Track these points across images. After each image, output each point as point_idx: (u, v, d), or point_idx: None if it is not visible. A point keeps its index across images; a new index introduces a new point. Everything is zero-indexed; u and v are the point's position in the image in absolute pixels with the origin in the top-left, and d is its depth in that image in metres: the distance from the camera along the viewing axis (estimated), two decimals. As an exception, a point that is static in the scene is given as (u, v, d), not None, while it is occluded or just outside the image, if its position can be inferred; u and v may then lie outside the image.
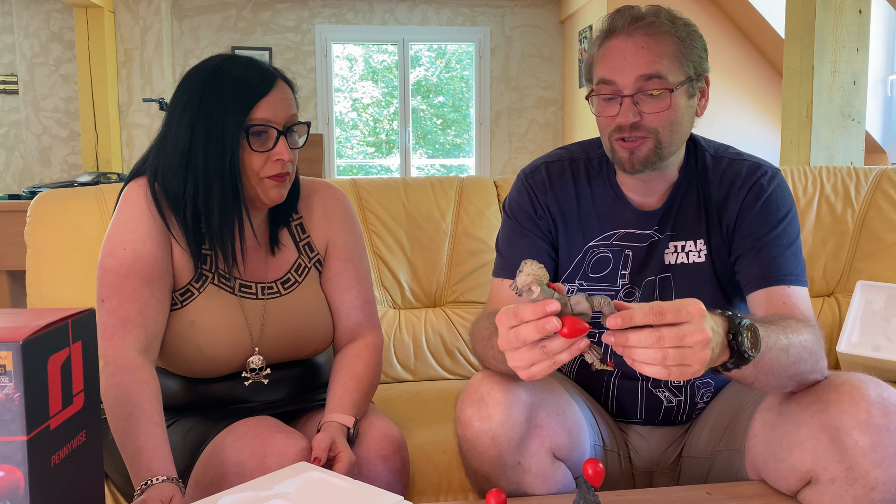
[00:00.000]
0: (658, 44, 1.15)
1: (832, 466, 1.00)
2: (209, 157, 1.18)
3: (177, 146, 1.20)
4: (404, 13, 6.27)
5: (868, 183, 1.93)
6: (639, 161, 1.18)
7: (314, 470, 0.98)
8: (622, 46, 1.16)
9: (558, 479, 1.12)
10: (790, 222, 1.22)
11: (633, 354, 0.85)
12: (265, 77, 1.20)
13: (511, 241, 1.30)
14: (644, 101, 1.15)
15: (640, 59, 1.14)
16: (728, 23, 5.50)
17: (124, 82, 5.58)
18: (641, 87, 1.15)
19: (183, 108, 1.20)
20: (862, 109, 3.07)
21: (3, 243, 2.83)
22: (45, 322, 0.77)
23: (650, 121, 1.16)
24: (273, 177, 1.21)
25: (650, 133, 1.16)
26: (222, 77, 1.19)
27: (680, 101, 1.17)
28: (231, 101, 1.17)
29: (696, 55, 1.17)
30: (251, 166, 1.20)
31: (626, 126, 1.16)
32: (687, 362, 0.84)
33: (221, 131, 1.17)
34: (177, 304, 1.23)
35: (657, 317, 0.84)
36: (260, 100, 1.18)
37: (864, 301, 1.75)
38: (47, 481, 0.76)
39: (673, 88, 1.15)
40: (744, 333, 0.91)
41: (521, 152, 6.46)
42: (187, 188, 1.19)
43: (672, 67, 1.15)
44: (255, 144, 1.19)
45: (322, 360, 1.39)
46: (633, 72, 1.14)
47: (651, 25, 1.15)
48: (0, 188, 5.96)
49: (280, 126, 1.20)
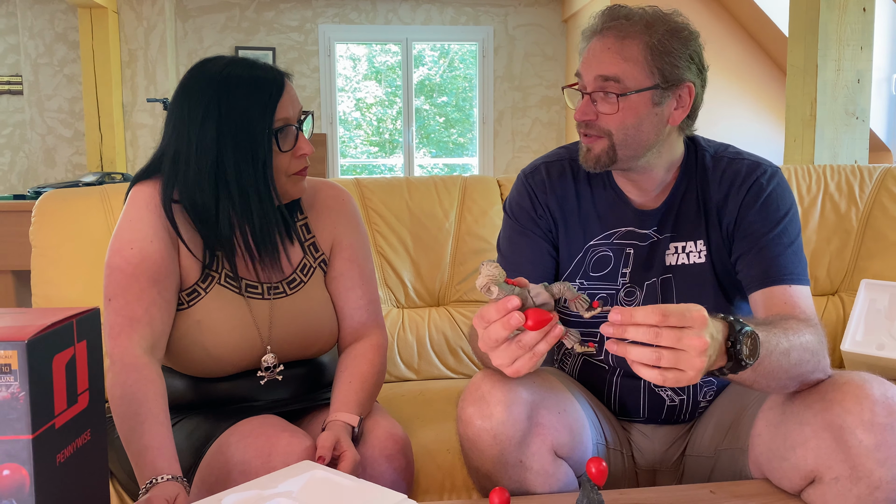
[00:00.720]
0: (623, 47, 1.16)
1: (836, 465, 0.99)
2: (241, 168, 1.18)
3: (203, 161, 1.18)
4: (407, 13, 6.27)
5: (872, 181, 1.92)
6: (591, 158, 1.21)
7: (318, 469, 0.98)
8: (594, 45, 1.19)
9: (560, 478, 1.12)
10: (790, 221, 1.21)
11: (628, 353, 0.86)
12: (276, 77, 1.22)
13: (512, 240, 1.31)
14: (600, 102, 1.18)
15: (603, 59, 1.17)
16: (731, 21, 5.48)
17: (128, 82, 5.59)
18: (600, 86, 1.17)
19: (202, 122, 1.18)
20: (866, 108, 3.06)
21: (7, 243, 2.84)
22: (50, 321, 0.77)
23: (603, 121, 1.18)
24: (298, 172, 1.25)
25: (603, 133, 1.19)
26: (235, 84, 1.19)
27: (638, 107, 1.16)
28: (253, 108, 1.19)
29: (670, 63, 1.16)
30: (280, 167, 1.22)
31: (581, 122, 1.20)
32: (682, 366, 0.85)
33: (251, 139, 1.18)
34: (183, 304, 1.23)
35: (660, 318, 0.84)
36: (278, 100, 1.20)
37: (869, 300, 1.75)
38: (52, 480, 0.77)
39: (625, 93, 1.15)
40: (743, 341, 0.91)
41: (525, 151, 6.45)
42: (220, 202, 1.19)
43: (633, 73, 1.15)
44: (283, 145, 1.21)
45: (327, 359, 1.40)
46: (594, 70, 1.17)
47: (621, 28, 1.16)
48: (5, 188, 5.98)
49: (296, 122, 1.23)
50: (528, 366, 0.91)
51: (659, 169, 1.25)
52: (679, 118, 1.20)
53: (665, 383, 0.85)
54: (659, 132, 1.20)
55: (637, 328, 0.84)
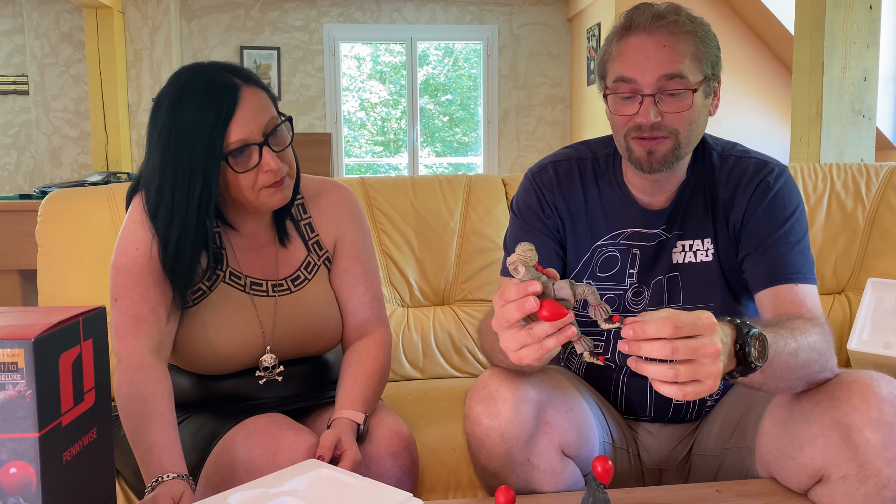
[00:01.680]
0: (679, 43, 1.14)
1: (843, 464, 0.99)
2: (175, 194, 1.14)
3: (151, 180, 1.18)
4: (412, 12, 6.27)
5: (879, 180, 1.92)
6: (657, 160, 1.16)
7: (324, 467, 0.98)
8: (643, 44, 1.14)
9: (567, 477, 1.12)
10: (797, 220, 1.21)
11: (646, 370, 0.85)
12: (227, 94, 1.13)
13: (519, 239, 1.30)
14: (664, 101, 1.14)
15: (662, 57, 1.13)
16: (737, 19, 5.47)
17: (134, 82, 5.60)
18: (663, 86, 1.13)
19: (156, 140, 1.16)
20: (872, 106, 3.04)
21: (14, 242, 2.85)
22: (57, 320, 0.77)
23: (671, 120, 1.15)
24: (271, 185, 1.18)
25: (670, 133, 1.15)
26: (186, 101, 1.13)
27: (698, 101, 1.16)
28: (198, 136, 1.12)
29: (713, 55, 1.17)
30: (243, 185, 1.17)
31: (647, 126, 1.14)
32: (699, 377, 0.84)
33: (189, 167, 1.13)
34: (188, 303, 1.23)
35: (673, 331, 0.83)
36: (228, 123, 1.12)
37: (875, 298, 1.74)
38: (59, 478, 0.77)
39: (695, 89, 1.14)
40: (751, 343, 0.90)
41: (530, 150, 6.45)
42: (158, 221, 1.17)
43: (692, 67, 1.14)
44: (239, 166, 1.15)
45: (331, 357, 1.40)
46: (656, 70, 1.13)
47: (673, 24, 1.14)
48: (11, 188, 6.01)
49: (259, 138, 1.15)
50: (532, 356, 0.89)
51: (684, 167, 1.25)
52: (716, 109, 1.21)
53: (686, 398, 0.85)
54: (705, 126, 1.21)
55: (651, 344, 0.83)
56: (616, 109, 1.18)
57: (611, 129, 1.23)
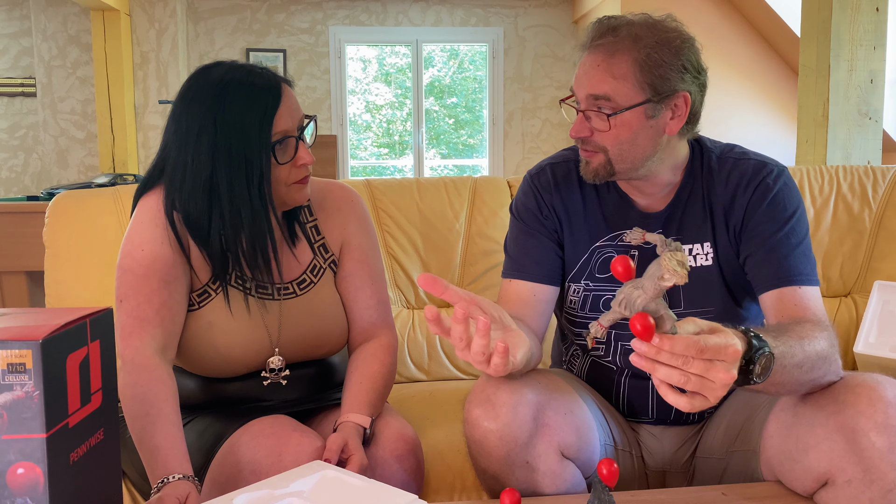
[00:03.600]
0: (611, 65, 1.15)
1: (849, 468, 0.99)
2: (234, 185, 1.17)
3: (198, 175, 1.17)
4: (417, 14, 6.28)
5: (886, 182, 1.91)
6: (590, 172, 1.21)
7: (330, 469, 0.98)
8: (585, 61, 1.18)
9: (568, 478, 1.12)
10: (798, 220, 1.21)
11: (656, 371, 0.84)
12: (272, 88, 1.19)
13: (519, 241, 1.31)
14: (593, 119, 1.18)
15: (592, 77, 1.16)
16: (743, 21, 5.46)
17: (140, 84, 5.62)
18: (591, 104, 1.17)
19: (198, 136, 1.17)
20: (879, 108, 3.03)
21: (21, 244, 2.86)
22: (64, 321, 0.78)
23: (598, 137, 1.18)
24: (299, 181, 1.23)
25: (599, 149, 1.19)
26: (231, 96, 1.17)
27: (631, 123, 1.16)
28: (249, 122, 1.16)
29: (661, 76, 1.14)
30: (279, 178, 1.20)
31: (577, 139, 1.20)
32: (705, 393, 0.85)
33: (245, 158, 1.16)
34: (194, 305, 1.24)
35: (698, 353, 0.83)
36: (275, 115, 1.18)
37: (882, 301, 1.74)
38: (66, 478, 0.77)
39: (616, 112, 1.15)
40: (757, 360, 0.90)
41: (535, 152, 6.44)
42: (213, 217, 1.18)
43: (623, 90, 1.14)
44: (280, 157, 1.19)
45: (337, 359, 1.40)
46: (585, 89, 1.17)
47: (609, 45, 1.15)
48: (18, 190, 6.03)
49: (296, 132, 1.21)
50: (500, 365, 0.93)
51: (663, 174, 1.25)
52: (676, 127, 1.19)
53: (692, 409, 0.85)
54: (656, 143, 1.19)
55: (669, 354, 0.83)
56: (569, 117, 1.23)
57: None
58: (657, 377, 0.85)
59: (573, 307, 1.31)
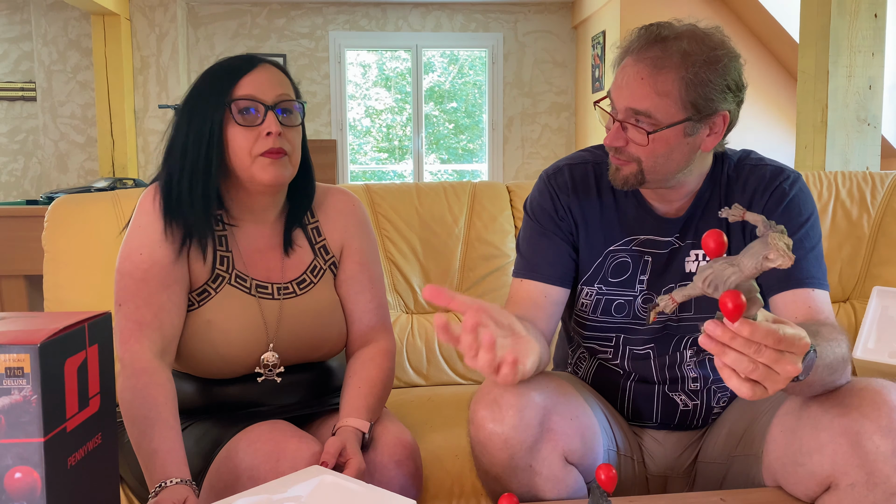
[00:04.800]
0: (657, 81, 1.12)
1: (852, 471, 0.99)
2: (189, 143, 1.21)
3: (173, 143, 1.24)
4: (417, 19, 6.29)
5: (884, 188, 1.91)
6: (619, 180, 1.20)
7: (328, 474, 0.98)
8: (628, 70, 1.15)
9: (570, 484, 1.12)
10: (812, 226, 1.21)
11: (726, 356, 0.83)
12: (248, 59, 1.24)
13: (532, 241, 1.30)
14: (630, 130, 1.15)
15: (635, 91, 1.13)
16: (742, 27, 5.47)
17: (140, 89, 5.63)
18: (629, 117, 1.15)
19: (180, 113, 1.25)
20: (878, 114, 3.04)
21: (20, 248, 2.86)
22: (62, 325, 0.78)
23: (633, 149, 1.16)
24: (266, 153, 1.20)
25: (633, 160, 1.17)
26: (210, 70, 1.25)
27: (669, 139, 1.14)
28: (213, 86, 1.22)
29: (705, 96, 1.13)
30: (240, 144, 1.20)
31: (611, 147, 1.18)
32: (767, 384, 0.84)
33: (203, 115, 1.21)
34: (193, 304, 1.24)
35: (775, 342, 0.81)
36: (241, 78, 1.21)
37: (881, 307, 1.74)
38: (63, 483, 0.77)
39: (656, 129, 1.13)
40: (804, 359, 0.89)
41: (534, 157, 6.45)
42: (180, 179, 1.22)
43: (665, 107, 1.12)
44: (242, 120, 1.21)
45: (335, 363, 1.40)
46: (626, 101, 1.14)
47: (658, 59, 1.12)
48: (18, 194, 6.03)
49: (268, 102, 1.21)
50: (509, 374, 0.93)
51: (690, 183, 1.25)
52: (712, 144, 1.18)
53: (753, 398, 0.84)
54: (690, 158, 1.18)
55: (742, 341, 0.81)
56: (602, 121, 1.21)
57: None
58: (724, 361, 0.83)
59: (584, 310, 1.30)
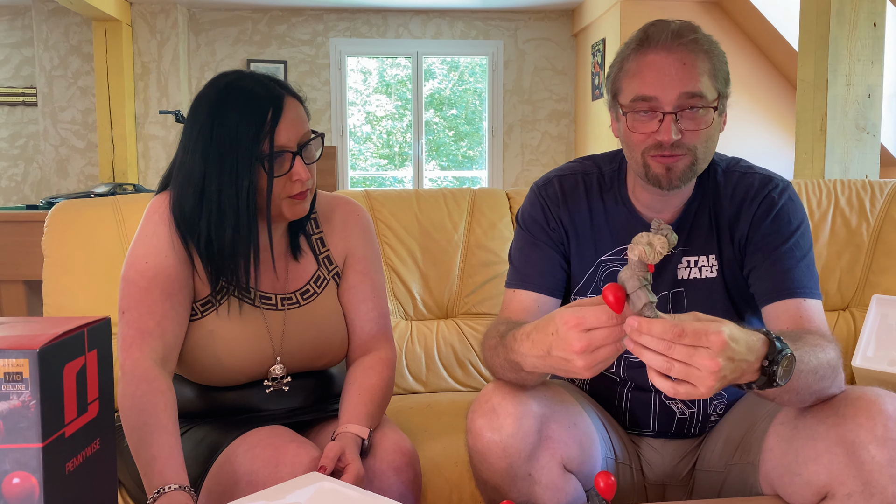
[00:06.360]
0: (698, 61, 1.14)
1: (848, 481, 0.99)
2: (223, 189, 1.18)
3: (191, 176, 1.19)
4: (418, 27, 6.31)
5: (883, 196, 1.91)
6: (676, 177, 1.16)
7: (326, 480, 0.98)
8: (663, 62, 1.13)
9: (569, 492, 1.12)
10: (802, 234, 1.21)
11: (643, 355, 0.87)
12: (273, 101, 1.18)
13: (524, 252, 1.31)
14: (685, 119, 1.13)
15: (683, 76, 1.12)
16: (741, 36, 5.49)
17: (141, 94, 5.65)
18: (683, 104, 1.13)
19: (196, 139, 1.19)
20: (877, 122, 3.05)
21: (20, 253, 2.86)
22: (62, 330, 0.78)
23: (689, 138, 1.14)
24: (294, 196, 1.22)
25: (689, 150, 1.15)
26: (230, 104, 1.18)
27: (715, 119, 1.16)
28: (244, 134, 1.16)
29: (725, 73, 1.17)
30: (275, 190, 1.20)
31: (668, 143, 1.13)
32: (692, 381, 0.86)
33: (235, 164, 1.17)
34: (197, 315, 1.24)
35: (675, 337, 0.84)
36: (274, 127, 1.17)
37: (880, 315, 1.74)
38: (62, 488, 0.77)
39: (715, 106, 1.15)
40: (780, 362, 0.90)
41: (534, 164, 6.46)
42: (202, 217, 1.20)
43: (709, 85, 1.14)
44: (275, 170, 1.19)
45: (335, 370, 1.40)
46: (677, 88, 1.12)
47: (693, 42, 1.14)
48: (18, 199, 6.04)
49: (294, 148, 1.20)
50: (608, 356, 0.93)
51: (686, 188, 1.25)
52: (724, 127, 1.21)
53: (677, 395, 0.87)
54: (716, 145, 1.21)
55: (651, 338, 0.85)
56: (634, 127, 1.16)
57: (623, 146, 1.22)
58: (644, 360, 0.87)
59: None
